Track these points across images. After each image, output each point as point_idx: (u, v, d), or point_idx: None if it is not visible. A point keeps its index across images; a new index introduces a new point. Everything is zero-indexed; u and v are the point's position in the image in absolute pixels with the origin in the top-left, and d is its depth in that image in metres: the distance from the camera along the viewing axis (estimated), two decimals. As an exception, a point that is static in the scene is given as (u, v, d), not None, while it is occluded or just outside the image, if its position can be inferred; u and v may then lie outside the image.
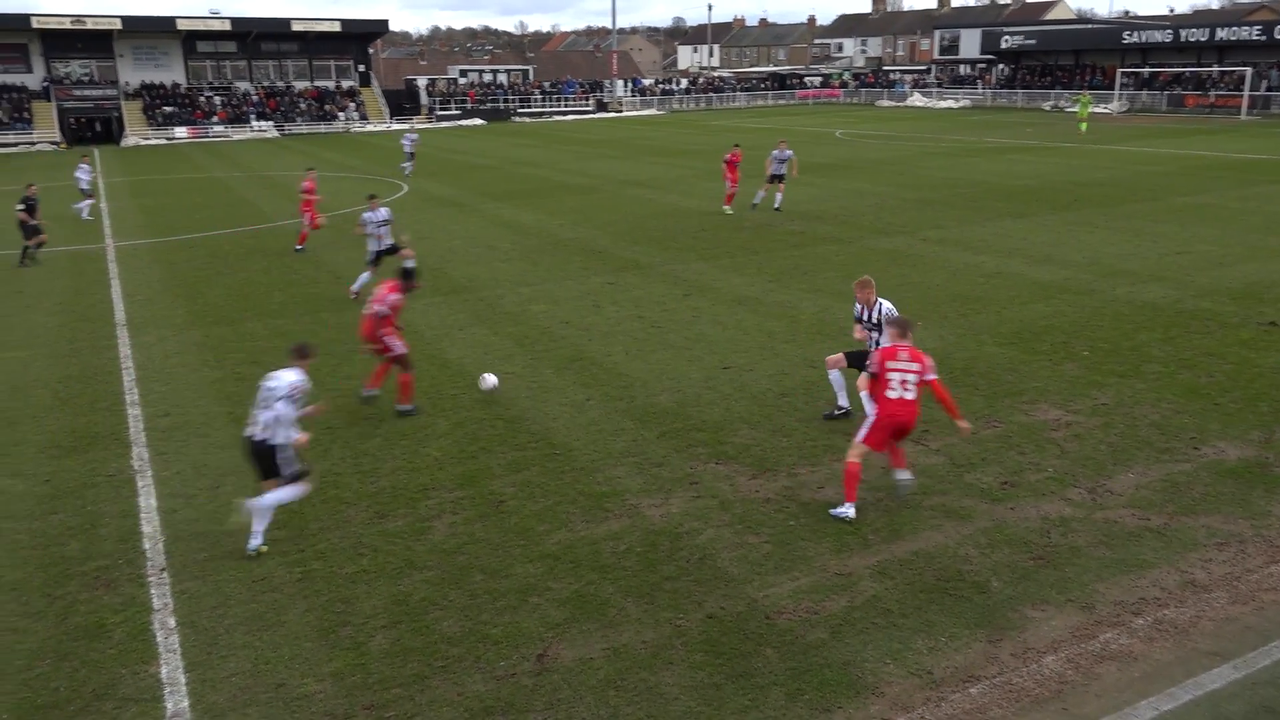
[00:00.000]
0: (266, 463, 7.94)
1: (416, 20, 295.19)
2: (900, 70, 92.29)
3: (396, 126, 65.84)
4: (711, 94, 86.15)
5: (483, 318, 15.13)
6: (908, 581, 7.36)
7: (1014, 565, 7.56)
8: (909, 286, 16.32)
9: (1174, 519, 8.20)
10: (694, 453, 9.78)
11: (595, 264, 18.93)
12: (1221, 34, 61.70)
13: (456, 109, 72.43)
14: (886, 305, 9.79)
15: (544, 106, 76.37)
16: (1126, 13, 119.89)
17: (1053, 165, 33.56)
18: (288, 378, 8.01)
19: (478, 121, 70.10)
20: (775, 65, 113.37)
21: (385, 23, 73.06)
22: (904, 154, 38.02)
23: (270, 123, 63.62)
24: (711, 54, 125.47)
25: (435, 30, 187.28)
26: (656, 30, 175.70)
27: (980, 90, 76.10)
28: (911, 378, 8.25)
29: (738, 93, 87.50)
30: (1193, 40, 62.71)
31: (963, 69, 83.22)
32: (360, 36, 71.03)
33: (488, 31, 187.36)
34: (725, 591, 7.28)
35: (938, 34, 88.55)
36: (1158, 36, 64.95)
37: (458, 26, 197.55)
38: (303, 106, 66.72)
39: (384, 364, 11.24)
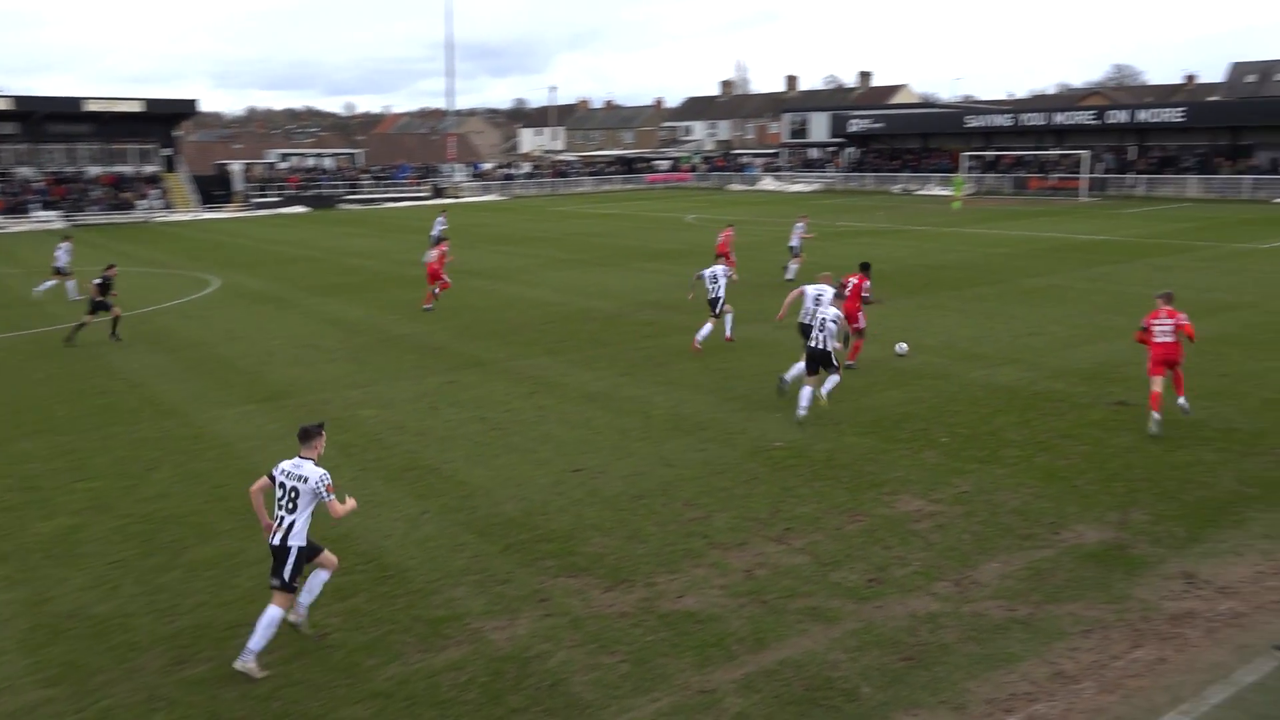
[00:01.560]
0: (824, 361, 13.84)
1: (230, 100, 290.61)
2: (750, 153, 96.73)
3: (231, 215, 64.03)
4: (556, 178, 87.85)
5: (304, 426, 14.61)
6: (775, 694, 7.39)
7: (884, 668, 7.71)
8: (767, 375, 16.78)
9: (1039, 608, 8.59)
10: (542, 566, 9.64)
11: (431, 362, 18.71)
12: (1058, 118, 67.87)
13: (276, 195, 71.18)
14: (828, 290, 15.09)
15: (375, 192, 76.03)
16: (968, 97, 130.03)
17: (905, 248, 35.58)
18: (834, 311, 13.99)
19: (300, 209, 69.02)
20: (622, 148, 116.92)
21: (193, 103, 71.59)
22: (756, 239, 39.49)
23: (57, 212, 60.78)
24: (555, 137, 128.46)
25: (252, 111, 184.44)
26: (496, 112, 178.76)
27: (831, 173, 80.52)
28: (1169, 325, 13.03)
29: (584, 176, 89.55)
30: (1032, 124, 68.71)
31: (813, 152, 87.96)
32: (165, 118, 69.30)
33: (311, 113, 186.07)
34: (579, 720, 7.12)
35: (787, 117, 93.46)
36: (999, 121, 70.88)
37: (277, 107, 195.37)
38: (96, 194, 64.15)
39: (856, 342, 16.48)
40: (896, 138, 78.68)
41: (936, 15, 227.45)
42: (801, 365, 14.46)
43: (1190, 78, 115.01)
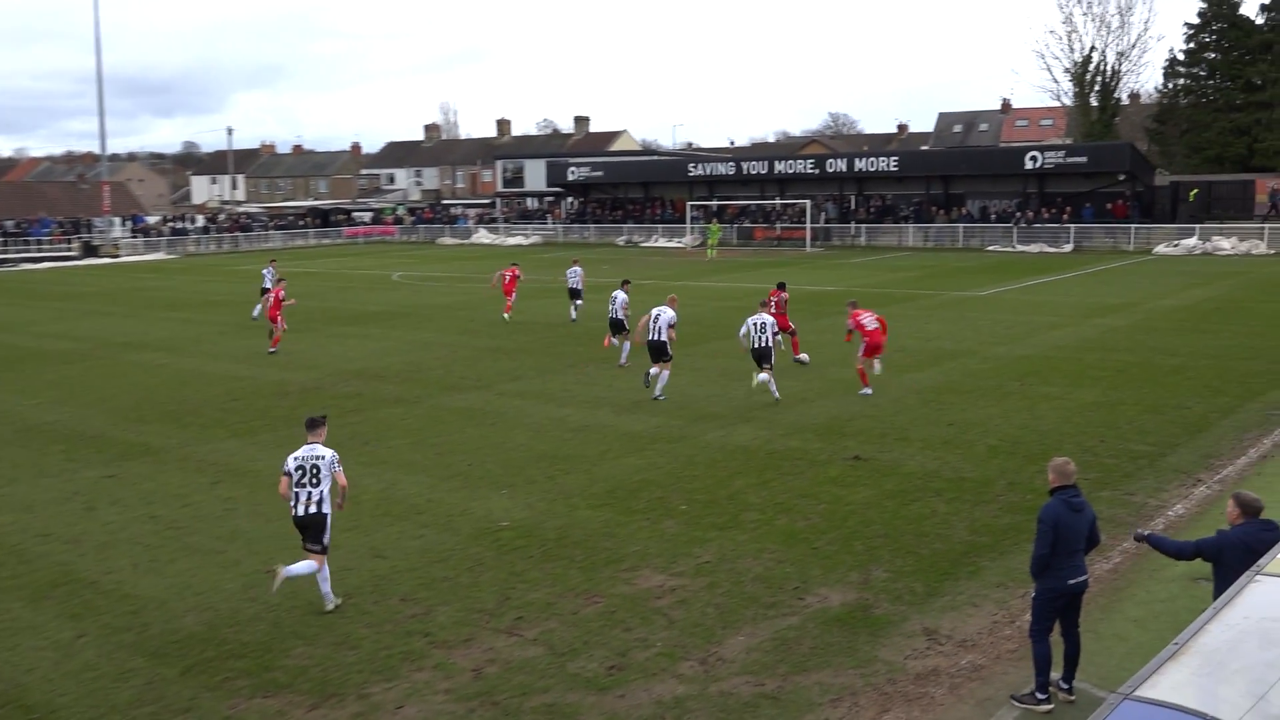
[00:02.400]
0: (766, 356, 19.31)
1: None
2: (462, 204, 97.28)
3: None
4: (238, 233, 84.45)
5: (-83, 541, 13.07)
6: (512, 808, 7.27)
7: (630, 764, 7.77)
8: (490, 448, 16.79)
9: (787, 680, 9.00)
10: (233, 688, 9.07)
11: (87, 453, 17.32)
12: (780, 167, 72.78)
13: (-126, 258, 63.92)
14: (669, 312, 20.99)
15: (6, 252, 70.04)
16: (690, 144, 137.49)
17: (632, 305, 36.78)
18: (769, 318, 20.05)
19: (-92, 273, 62.29)
20: (316, 199, 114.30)
21: None
22: (473, 297, 39.60)
23: None
24: (235, 186, 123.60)
25: None
26: (162, 157, 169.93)
27: (550, 225, 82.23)
28: (873, 316, 19.84)
29: (271, 231, 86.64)
30: (755, 174, 73.25)
31: (530, 202, 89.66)
32: None
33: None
34: None
35: (500, 164, 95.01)
36: (721, 169, 75.09)
37: None
38: None
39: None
40: (618, 186, 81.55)
41: (653, 59, 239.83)
42: (655, 369, 20.43)
43: (902, 127, 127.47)
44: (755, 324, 19.74)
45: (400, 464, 16.08)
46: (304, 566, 10.52)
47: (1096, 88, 77.38)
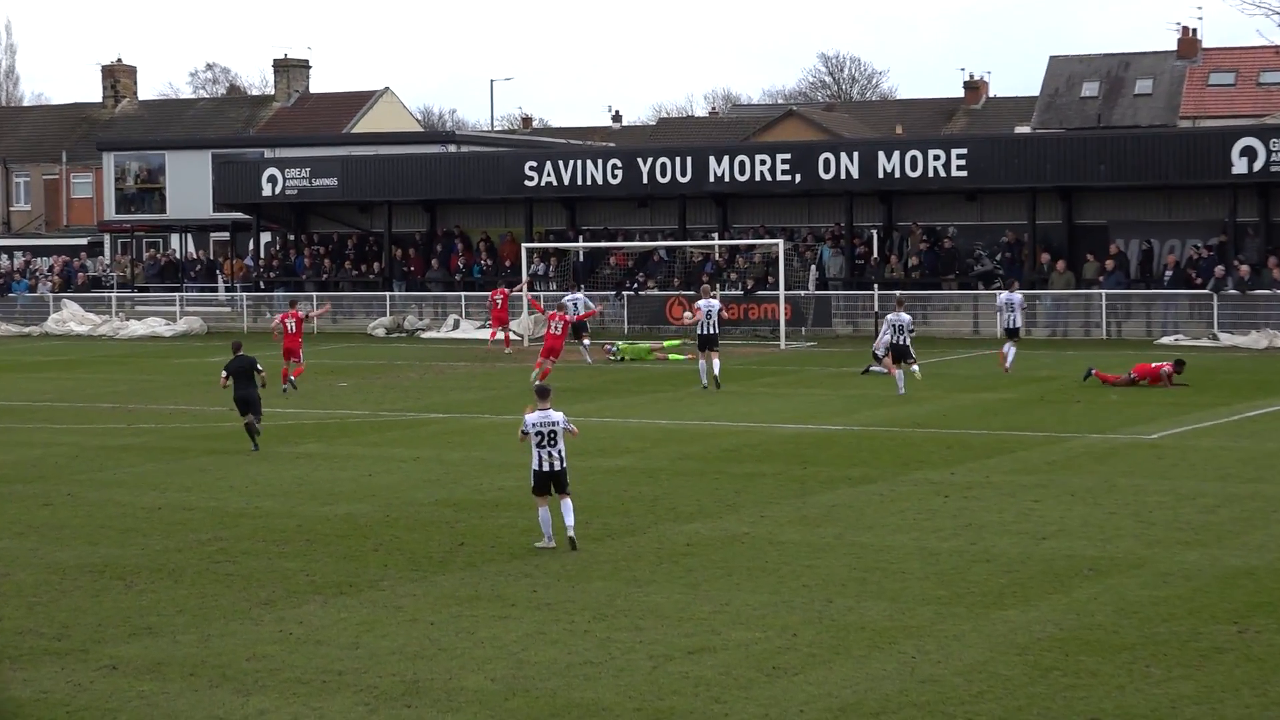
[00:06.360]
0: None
1: None
2: (27, 247, 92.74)
3: None
4: None
5: None
6: None
7: None
8: None
9: None
10: None
11: None
12: (719, 170, 64.69)
13: None
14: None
15: None
16: (529, 122, 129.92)
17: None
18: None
19: None
20: None
21: None
22: (63, 451, 32.22)
23: None
24: None
25: None
26: None
27: (224, 293, 75.68)
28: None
29: None
30: (665, 185, 65.52)
31: (179, 243, 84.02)
32: None
33: None
34: None
35: (111, 161, 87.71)
36: (595, 174, 67.28)
37: None
38: None
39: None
40: (370, 210, 74.54)
41: None
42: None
43: (976, 87, 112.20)
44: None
45: None
46: (570, 511, 22.17)
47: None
